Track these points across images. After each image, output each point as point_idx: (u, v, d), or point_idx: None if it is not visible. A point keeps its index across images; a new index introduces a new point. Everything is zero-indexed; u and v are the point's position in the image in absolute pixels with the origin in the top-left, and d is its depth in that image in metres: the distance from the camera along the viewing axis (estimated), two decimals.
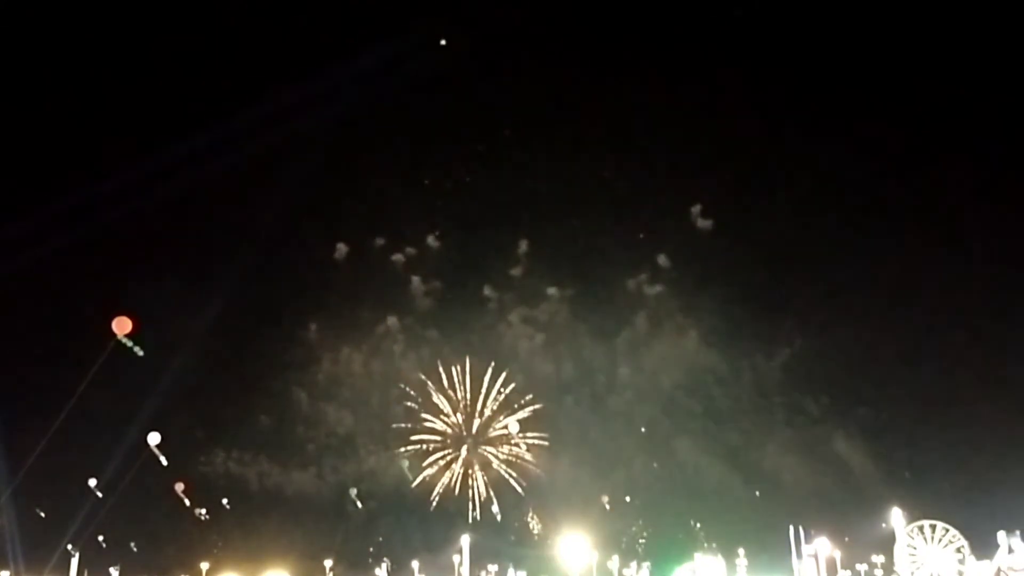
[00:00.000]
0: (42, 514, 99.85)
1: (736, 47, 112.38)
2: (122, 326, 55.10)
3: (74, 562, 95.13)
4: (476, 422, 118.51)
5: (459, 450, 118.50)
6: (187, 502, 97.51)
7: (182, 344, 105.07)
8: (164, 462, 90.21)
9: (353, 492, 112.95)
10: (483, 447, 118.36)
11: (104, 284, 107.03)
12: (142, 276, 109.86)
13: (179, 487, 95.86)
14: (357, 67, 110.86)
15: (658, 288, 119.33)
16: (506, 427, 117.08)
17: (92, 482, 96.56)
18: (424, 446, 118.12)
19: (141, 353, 56.58)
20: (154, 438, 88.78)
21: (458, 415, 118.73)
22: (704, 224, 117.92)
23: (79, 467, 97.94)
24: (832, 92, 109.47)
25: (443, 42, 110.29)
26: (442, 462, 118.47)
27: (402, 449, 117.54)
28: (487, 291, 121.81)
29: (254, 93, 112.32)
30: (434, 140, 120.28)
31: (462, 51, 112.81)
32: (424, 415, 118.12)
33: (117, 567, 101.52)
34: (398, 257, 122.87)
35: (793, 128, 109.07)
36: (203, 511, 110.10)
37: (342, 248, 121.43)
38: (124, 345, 55.37)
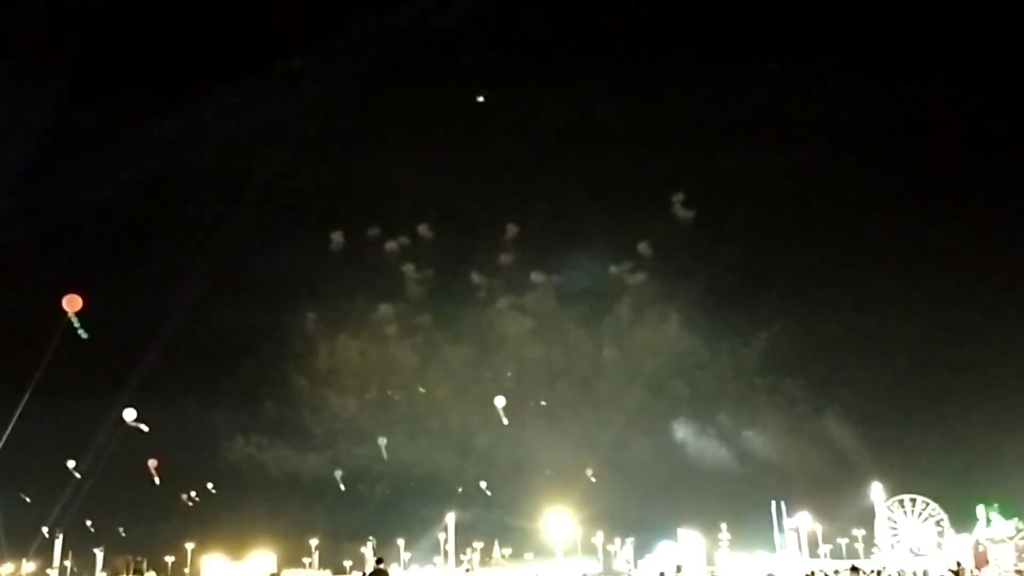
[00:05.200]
0: (26, 499, 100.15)
1: (721, 41, 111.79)
2: (72, 304, 54.61)
3: (57, 544, 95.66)
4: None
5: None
6: (157, 479, 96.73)
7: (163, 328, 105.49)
8: (146, 429, 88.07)
9: (339, 474, 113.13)
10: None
11: (92, 270, 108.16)
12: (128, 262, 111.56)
13: (152, 463, 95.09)
14: (349, 55, 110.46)
15: (640, 276, 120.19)
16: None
17: (70, 463, 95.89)
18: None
19: (86, 336, 55.77)
20: (129, 414, 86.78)
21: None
22: (685, 214, 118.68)
23: (65, 450, 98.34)
24: (813, 85, 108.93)
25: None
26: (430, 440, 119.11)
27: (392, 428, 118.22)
28: (476, 278, 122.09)
29: (242, 78, 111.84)
30: (425, 131, 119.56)
31: (450, 44, 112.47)
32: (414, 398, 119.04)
33: (101, 548, 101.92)
34: (392, 246, 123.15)
35: (772, 120, 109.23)
36: (191, 494, 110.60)
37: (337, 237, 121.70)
38: (73, 324, 54.81)
